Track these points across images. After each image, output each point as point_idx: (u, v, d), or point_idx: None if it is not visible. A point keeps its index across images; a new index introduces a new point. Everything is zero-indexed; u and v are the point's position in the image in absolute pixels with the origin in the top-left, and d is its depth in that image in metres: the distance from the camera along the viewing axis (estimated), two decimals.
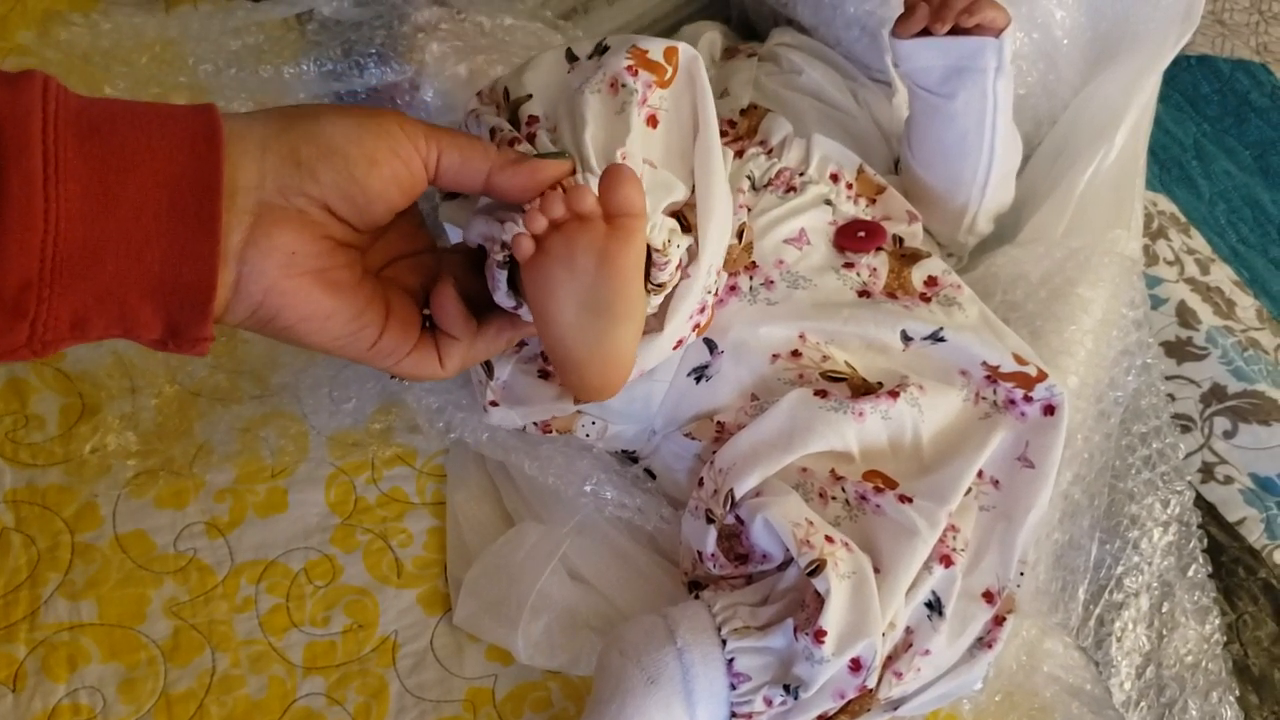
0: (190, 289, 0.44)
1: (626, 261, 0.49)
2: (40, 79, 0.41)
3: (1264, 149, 1.23)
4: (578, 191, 0.49)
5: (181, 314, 0.44)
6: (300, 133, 0.46)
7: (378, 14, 0.85)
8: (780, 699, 0.60)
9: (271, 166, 0.46)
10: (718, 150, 0.61)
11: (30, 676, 0.65)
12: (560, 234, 0.49)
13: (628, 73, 0.58)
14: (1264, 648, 0.84)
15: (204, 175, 0.43)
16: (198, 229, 0.43)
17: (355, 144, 0.47)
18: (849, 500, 0.67)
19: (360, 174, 0.48)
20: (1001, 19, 0.75)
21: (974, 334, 0.72)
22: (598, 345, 0.51)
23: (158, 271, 0.43)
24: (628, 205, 0.49)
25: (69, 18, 0.84)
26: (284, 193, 0.46)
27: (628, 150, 0.55)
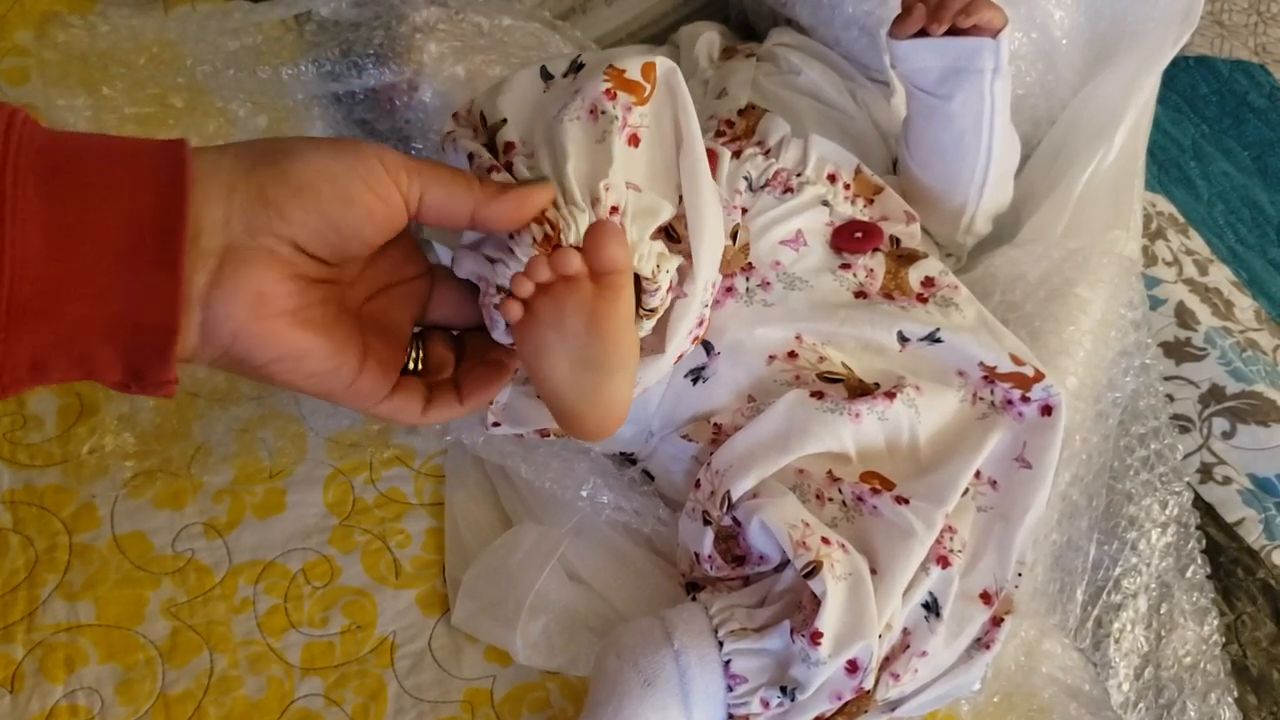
0: (152, 332, 0.42)
1: (616, 320, 0.49)
2: (7, 114, 0.40)
3: (1262, 150, 1.23)
4: (562, 254, 0.48)
5: (143, 357, 0.43)
6: (270, 170, 0.45)
7: (376, 14, 0.84)
8: (777, 700, 0.60)
9: (239, 206, 0.44)
10: (704, 163, 0.60)
11: (28, 677, 0.65)
12: (548, 297, 0.49)
13: (606, 97, 0.56)
14: (1262, 648, 0.84)
15: (167, 215, 0.41)
16: (160, 270, 0.41)
17: (328, 181, 0.46)
18: (846, 501, 0.67)
19: (333, 212, 0.46)
20: (999, 20, 0.75)
21: (971, 334, 0.72)
22: (594, 396, 0.51)
23: (119, 313, 0.41)
24: (614, 263, 0.48)
25: (67, 19, 0.84)
26: (251, 232, 0.45)
27: (611, 181, 0.54)
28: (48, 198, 0.40)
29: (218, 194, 0.44)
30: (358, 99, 0.85)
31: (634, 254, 0.54)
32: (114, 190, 0.41)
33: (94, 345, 0.42)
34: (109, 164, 0.42)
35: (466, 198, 0.49)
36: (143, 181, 0.42)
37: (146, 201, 0.41)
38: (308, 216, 0.45)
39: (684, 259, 0.60)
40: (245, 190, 0.44)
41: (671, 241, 0.60)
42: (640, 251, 0.55)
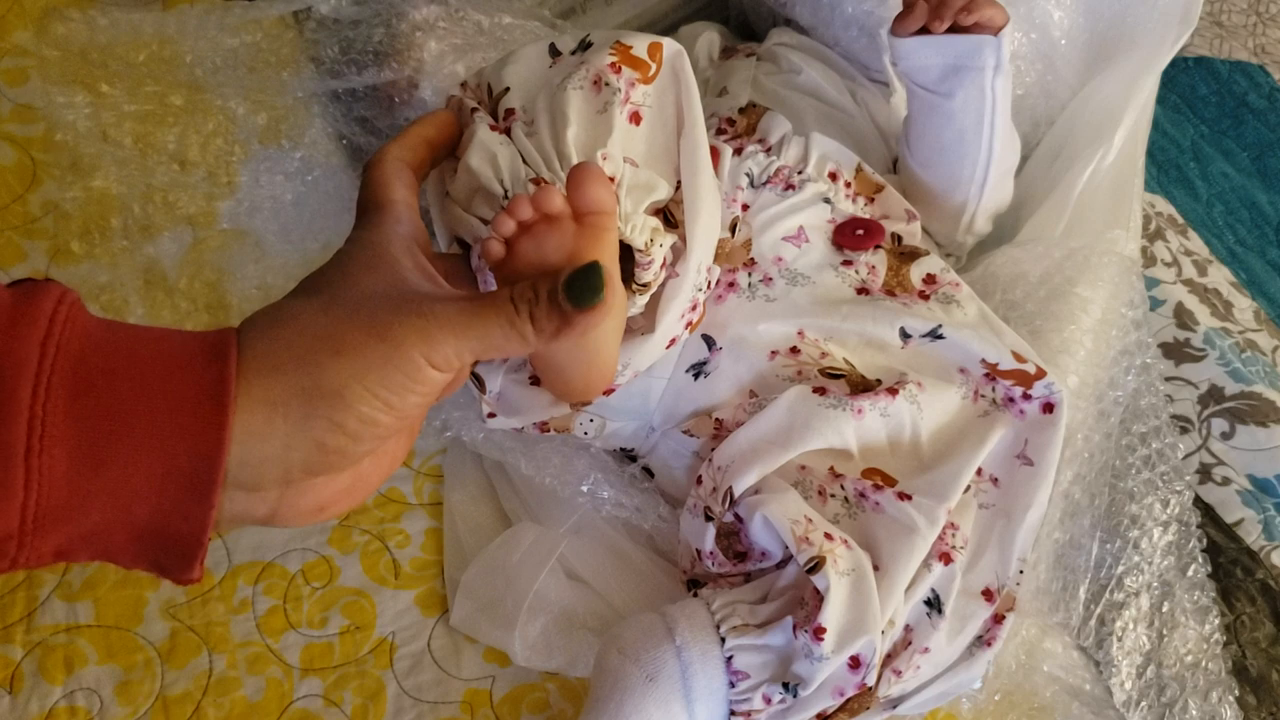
0: (178, 542, 0.41)
1: (599, 260, 0.47)
2: (48, 311, 0.39)
3: (1261, 151, 1.23)
4: (545, 192, 0.47)
5: (167, 560, 0.42)
6: (323, 422, 0.43)
7: (376, 12, 0.85)
8: (779, 697, 0.60)
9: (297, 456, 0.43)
10: (704, 146, 0.61)
11: (27, 678, 0.65)
12: (530, 236, 0.48)
13: (611, 70, 0.57)
14: (1262, 649, 0.84)
15: (205, 444, 0.40)
16: (192, 495, 0.40)
17: (385, 410, 0.44)
18: (848, 498, 0.67)
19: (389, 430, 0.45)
20: (1000, 17, 0.75)
21: (973, 331, 0.72)
22: (578, 347, 0.50)
23: (146, 521, 0.40)
24: (597, 203, 0.47)
25: (66, 14, 0.84)
26: (312, 472, 0.44)
27: (609, 151, 0.54)
28: (76, 419, 0.39)
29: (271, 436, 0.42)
30: (357, 96, 0.85)
31: (627, 225, 0.54)
32: (149, 416, 0.40)
33: (120, 543, 0.41)
34: (143, 383, 0.40)
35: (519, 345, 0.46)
36: (181, 404, 0.40)
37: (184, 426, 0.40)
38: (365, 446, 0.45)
39: (679, 241, 0.60)
40: (302, 442, 0.43)
41: (668, 225, 0.60)
42: (634, 223, 0.55)
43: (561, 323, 0.45)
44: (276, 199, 0.82)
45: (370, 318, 0.44)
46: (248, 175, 0.83)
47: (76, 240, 0.78)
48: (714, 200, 0.62)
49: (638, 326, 0.61)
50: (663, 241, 0.57)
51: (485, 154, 0.55)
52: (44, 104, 0.81)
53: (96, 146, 0.81)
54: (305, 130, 0.85)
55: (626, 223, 0.54)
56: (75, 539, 0.40)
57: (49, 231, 0.79)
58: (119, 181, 0.80)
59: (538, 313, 0.45)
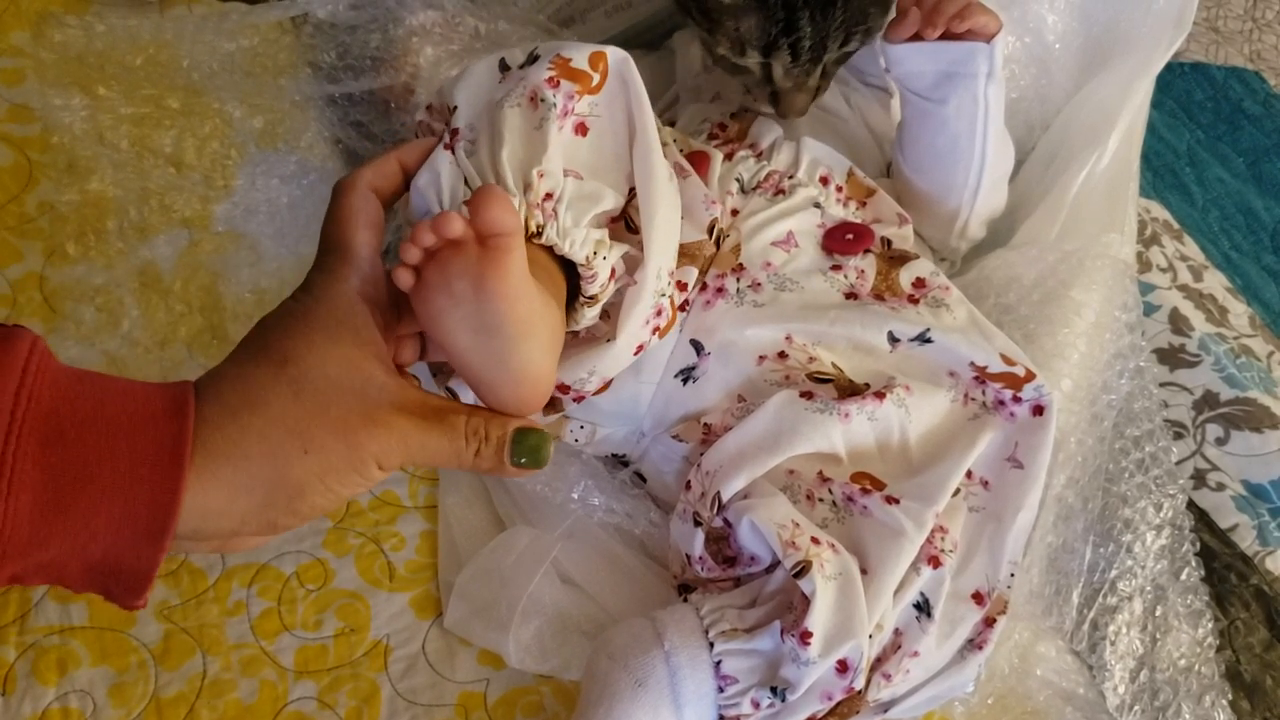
0: (128, 576, 0.44)
1: (503, 283, 0.48)
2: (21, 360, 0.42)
3: (1257, 156, 1.24)
4: (444, 218, 0.47)
5: (116, 590, 0.44)
6: (280, 509, 0.47)
7: (373, 17, 0.85)
8: (768, 701, 0.60)
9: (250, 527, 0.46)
10: (656, 151, 0.60)
11: (20, 680, 0.65)
12: (435, 262, 0.48)
13: (548, 85, 0.57)
14: (1256, 654, 0.84)
15: (162, 497, 0.43)
16: (146, 539, 0.43)
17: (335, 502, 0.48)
18: (836, 502, 0.67)
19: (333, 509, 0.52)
20: (993, 24, 0.76)
21: (961, 335, 0.72)
22: (503, 366, 0.50)
23: (99, 559, 0.43)
24: (497, 225, 0.47)
25: (63, 19, 0.84)
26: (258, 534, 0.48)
27: (545, 168, 0.54)
28: (45, 466, 0.41)
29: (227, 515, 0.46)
30: (354, 101, 0.85)
31: (566, 240, 0.55)
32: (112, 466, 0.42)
33: (71, 573, 0.43)
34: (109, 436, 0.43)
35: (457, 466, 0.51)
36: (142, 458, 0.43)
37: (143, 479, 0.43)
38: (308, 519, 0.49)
39: (636, 249, 0.60)
40: (256, 522, 0.46)
41: (630, 232, 0.61)
42: (573, 237, 0.55)
43: (499, 468, 0.51)
44: (272, 202, 0.82)
45: (340, 421, 0.47)
46: (244, 178, 0.83)
47: (72, 242, 0.78)
48: (670, 205, 0.62)
49: (601, 334, 0.62)
50: (606, 254, 0.57)
51: (431, 175, 0.55)
52: (40, 105, 0.81)
53: (93, 148, 0.81)
54: (302, 134, 0.85)
55: (565, 238, 0.55)
56: (31, 568, 0.42)
57: (44, 233, 0.79)
58: (115, 184, 0.81)
59: (484, 451, 0.50)
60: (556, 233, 0.55)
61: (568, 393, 0.64)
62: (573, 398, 0.64)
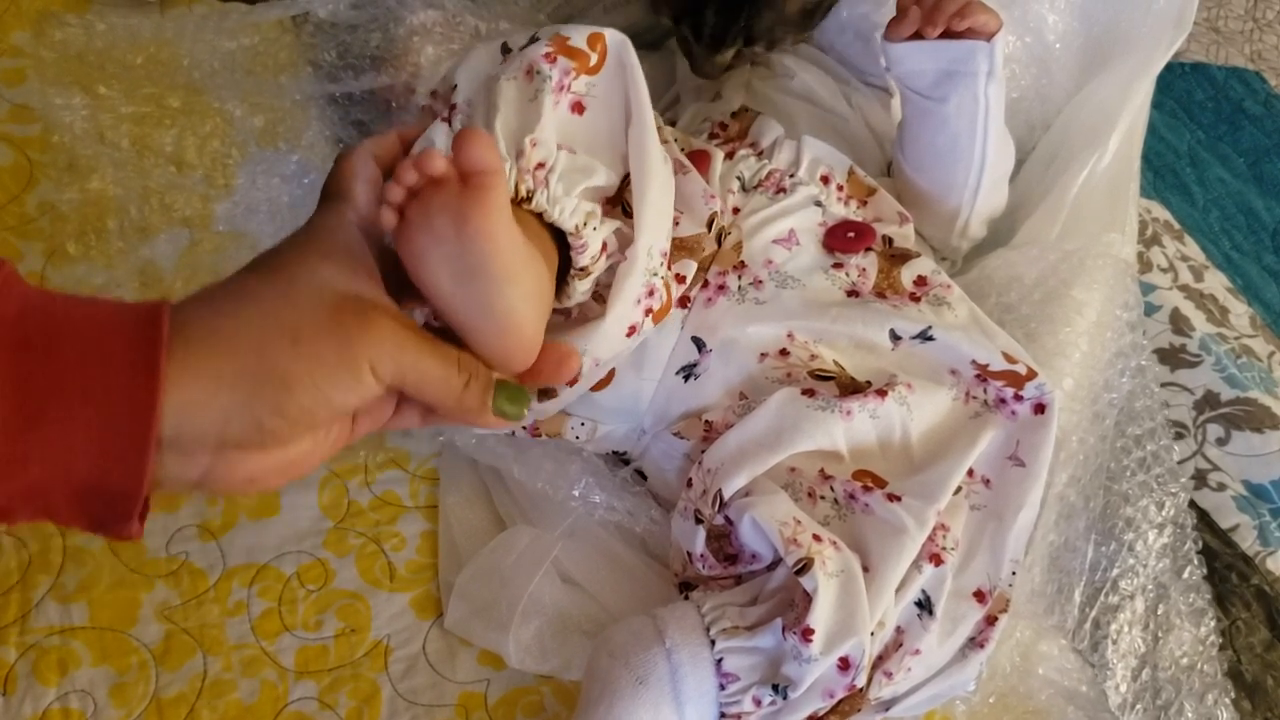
0: (115, 496, 0.42)
1: (485, 220, 0.47)
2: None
3: (1258, 156, 1.24)
4: (426, 154, 0.47)
5: (105, 514, 0.42)
6: (267, 405, 0.44)
7: (373, 17, 0.85)
8: (769, 699, 0.60)
9: (234, 431, 0.44)
10: (651, 131, 0.61)
11: (21, 680, 0.64)
12: (418, 201, 0.48)
13: (544, 60, 0.58)
14: (1257, 654, 0.84)
15: (140, 400, 0.41)
16: (129, 450, 0.41)
17: (325, 407, 0.46)
18: (838, 499, 0.67)
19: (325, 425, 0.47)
20: (993, 23, 0.76)
21: (963, 333, 0.72)
22: (487, 311, 0.50)
23: (84, 478, 0.41)
24: (479, 163, 0.47)
25: (63, 18, 0.84)
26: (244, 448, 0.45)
27: (538, 136, 0.55)
28: (13, 376, 0.40)
29: (210, 411, 0.43)
30: (354, 100, 0.85)
31: (556, 207, 0.55)
32: (85, 371, 0.41)
33: (58, 500, 0.42)
34: (80, 341, 0.41)
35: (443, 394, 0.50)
36: (117, 361, 0.41)
37: (119, 383, 0.41)
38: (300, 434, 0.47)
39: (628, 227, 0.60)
40: (241, 420, 0.44)
41: (625, 216, 0.61)
42: (563, 205, 0.55)
43: (481, 409, 0.50)
44: (273, 201, 0.82)
45: (334, 317, 0.45)
46: (244, 177, 0.83)
47: (73, 241, 0.78)
48: (662, 185, 0.62)
49: (593, 314, 0.61)
50: (597, 225, 0.57)
51: (425, 142, 0.56)
52: (41, 105, 0.81)
53: (93, 148, 0.81)
54: (302, 133, 0.85)
55: (555, 205, 0.55)
56: (14, 496, 0.41)
57: (45, 232, 0.79)
58: (116, 183, 0.80)
59: (473, 385, 0.50)
60: (546, 199, 0.55)
61: None
62: (566, 382, 0.64)
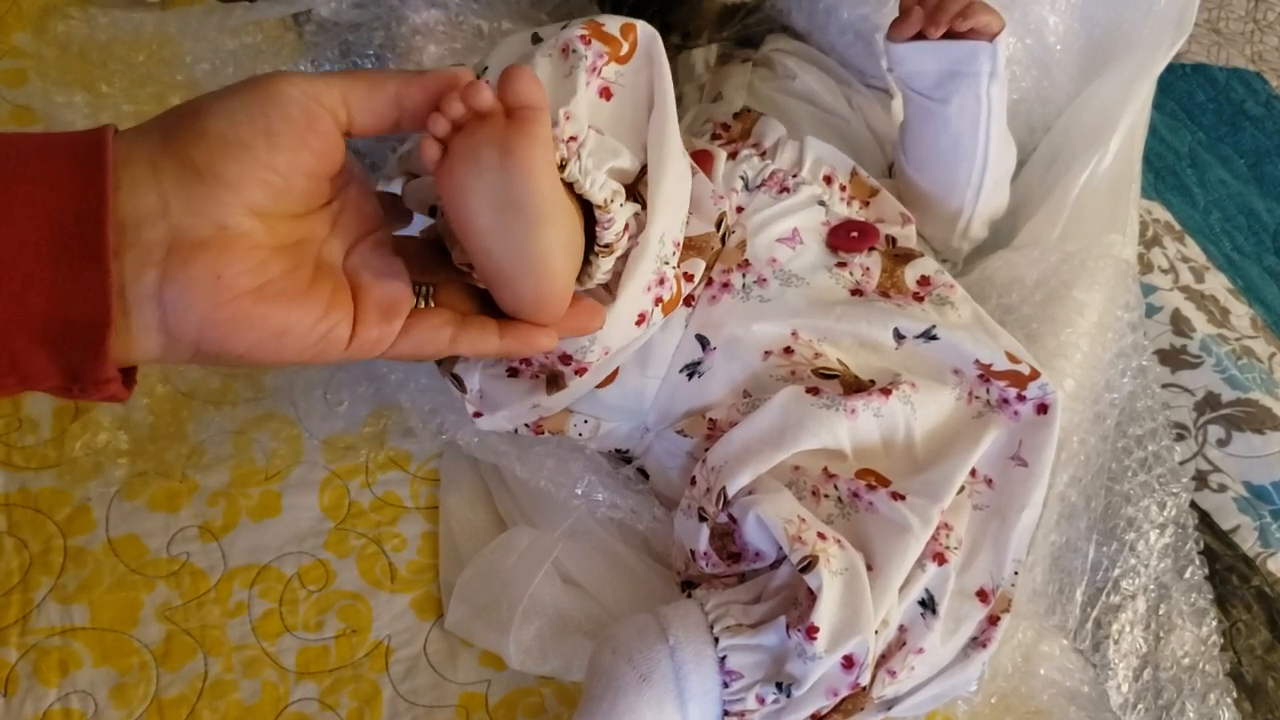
0: (82, 329, 0.40)
1: (530, 153, 0.48)
2: None
3: (1259, 157, 1.24)
4: (473, 88, 0.47)
5: (77, 356, 0.40)
6: (185, 135, 0.42)
7: (376, 15, 0.85)
8: (773, 697, 0.60)
9: (171, 185, 0.41)
10: (672, 121, 0.61)
11: (21, 681, 0.64)
12: (462, 133, 0.48)
13: (580, 40, 0.58)
14: (1257, 655, 0.84)
15: (88, 200, 0.39)
16: (83, 260, 0.39)
17: (247, 124, 0.42)
18: (841, 498, 0.67)
19: (265, 154, 0.43)
20: (996, 24, 0.76)
21: (966, 332, 0.72)
22: (523, 252, 0.50)
23: (45, 311, 0.39)
24: (525, 98, 0.47)
25: (66, 12, 0.84)
26: (194, 211, 0.42)
27: (572, 110, 0.55)
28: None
29: (145, 179, 0.41)
30: None
31: (587, 179, 0.55)
32: (30, 181, 0.39)
33: (23, 347, 0.39)
34: (22, 156, 0.39)
35: (389, 85, 0.47)
36: (60, 169, 0.39)
37: (65, 190, 0.39)
38: (242, 168, 0.43)
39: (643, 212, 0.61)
40: (169, 164, 0.42)
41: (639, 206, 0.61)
42: (594, 178, 0.55)
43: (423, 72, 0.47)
44: None
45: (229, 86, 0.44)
46: None
47: None
48: (679, 174, 0.62)
49: (604, 299, 0.61)
50: (621, 202, 0.58)
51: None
52: (43, 105, 0.81)
53: None
54: None
55: (587, 176, 0.55)
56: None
57: None
58: None
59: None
60: (579, 170, 0.55)
61: (569, 363, 0.64)
62: (574, 369, 0.64)
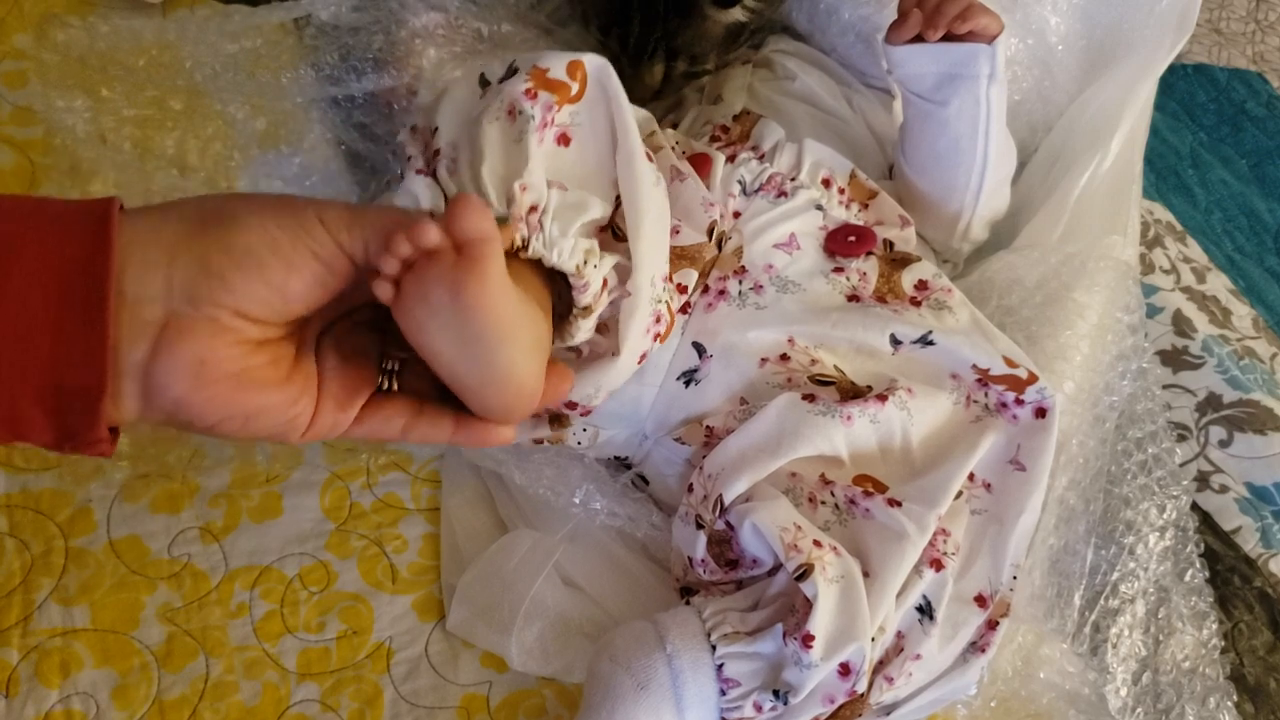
0: (80, 393, 0.41)
1: (482, 290, 0.47)
2: None
3: (1260, 158, 1.24)
4: (419, 227, 0.46)
5: (72, 417, 0.42)
6: (212, 239, 0.43)
7: (375, 19, 0.85)
8: (770, 704, 0.60)
9: (180, 273, 0.43)
10: (639, 158, 0.60)
11: (23, 682, 0.65)
12: (412, 273, 0.48)
13: (525, 97, 0.57)
14: (1259, 656, 0.84)
15: (93, 273, 0.40)
16: (86, 326, 0.41)
17: (271, 249, 0.44)
18: (838, 504, 0.67)
19: (278, 279, 0.45)
20: (995, 26, 0.76)
21: (964, 337, 0.72)
22: (488, 371, 0.50)
23: (45, 374, 0.41)
24: (473, 232, 0.46)
25: (66, 20, 0.84)
26: (194, 302, 0.43)
27: (527, 180, 0.54)
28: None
29: (158, 262, 0.43)
30: (356, 103, 0.85)
31: (553, 250, 0.55)
32: (39, 247, 0.40)
33: (21, 405, 0.41)
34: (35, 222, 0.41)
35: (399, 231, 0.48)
36: (70, 239, 0.41)
37: (72, 254, 0.41)
38: (252, 285, 0.44)
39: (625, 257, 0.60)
40: (187, 259, 0.43)
41: (618, 240, 0.61)
42: (560, 247, 0.55)
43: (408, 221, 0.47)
44: None
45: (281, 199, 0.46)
46: (247, 180, 0.83)
47: None
48: (657, 212, 0.62)
49: (603, 349, 0.62)
50: (597, 262, 0.57)
51: (408, 199, 0.55)
52: (43, 107, 0.81)
53: (96, 150, 0.81)
54: (304, 135, 0.85)
55: (552, 248, 0.55)
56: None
57: None
58: (118, 185, 0.80)
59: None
60: (543, 244, 0.54)
61: (575, 409, 0.65)
62: (580, 413, 0.65)
